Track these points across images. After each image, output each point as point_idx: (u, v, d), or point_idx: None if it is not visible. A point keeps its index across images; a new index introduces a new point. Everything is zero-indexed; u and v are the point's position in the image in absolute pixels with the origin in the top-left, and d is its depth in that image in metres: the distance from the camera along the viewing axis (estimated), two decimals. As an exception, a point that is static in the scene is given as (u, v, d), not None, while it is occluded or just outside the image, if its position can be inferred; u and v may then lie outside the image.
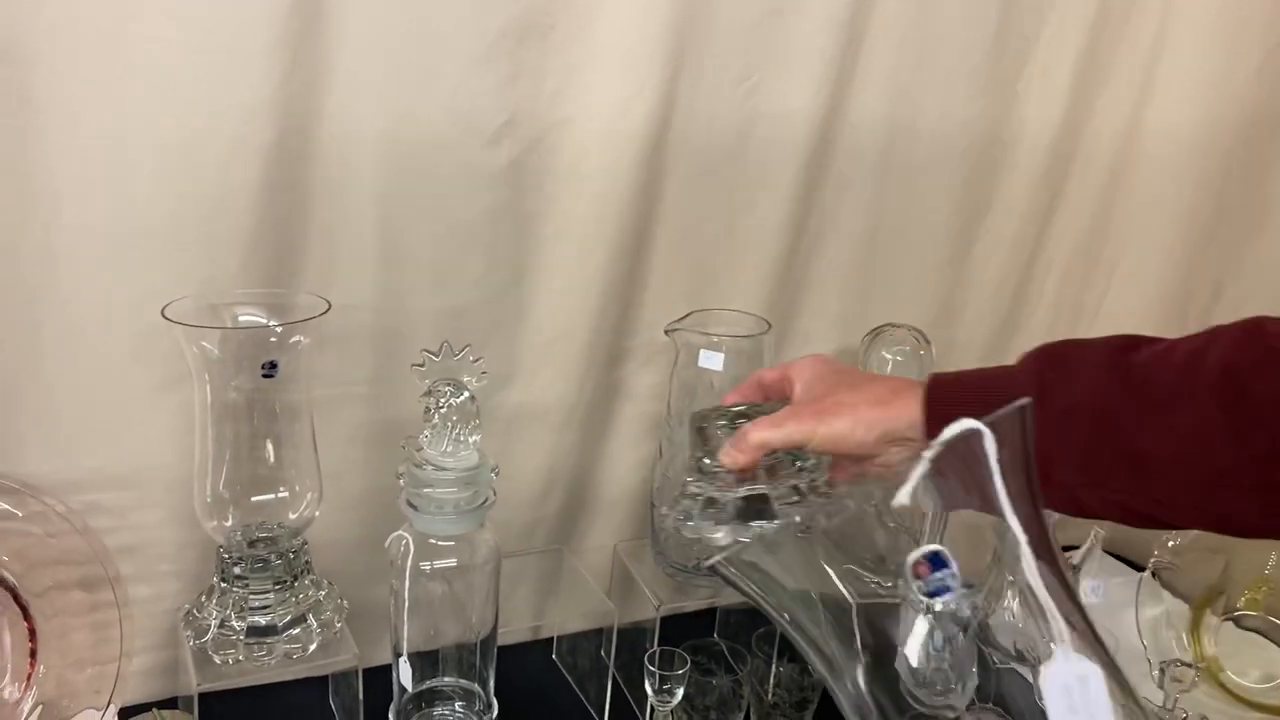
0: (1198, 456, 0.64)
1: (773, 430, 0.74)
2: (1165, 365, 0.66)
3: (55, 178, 0.89)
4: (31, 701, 0.93)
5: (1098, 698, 0.45)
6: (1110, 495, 0.67)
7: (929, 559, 0.50)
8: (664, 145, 1.09)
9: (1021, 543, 0.49)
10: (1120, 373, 0.67)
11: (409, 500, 0.88)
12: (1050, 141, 1.29)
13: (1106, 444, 0.66)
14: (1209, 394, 0.64)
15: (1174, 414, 0.64)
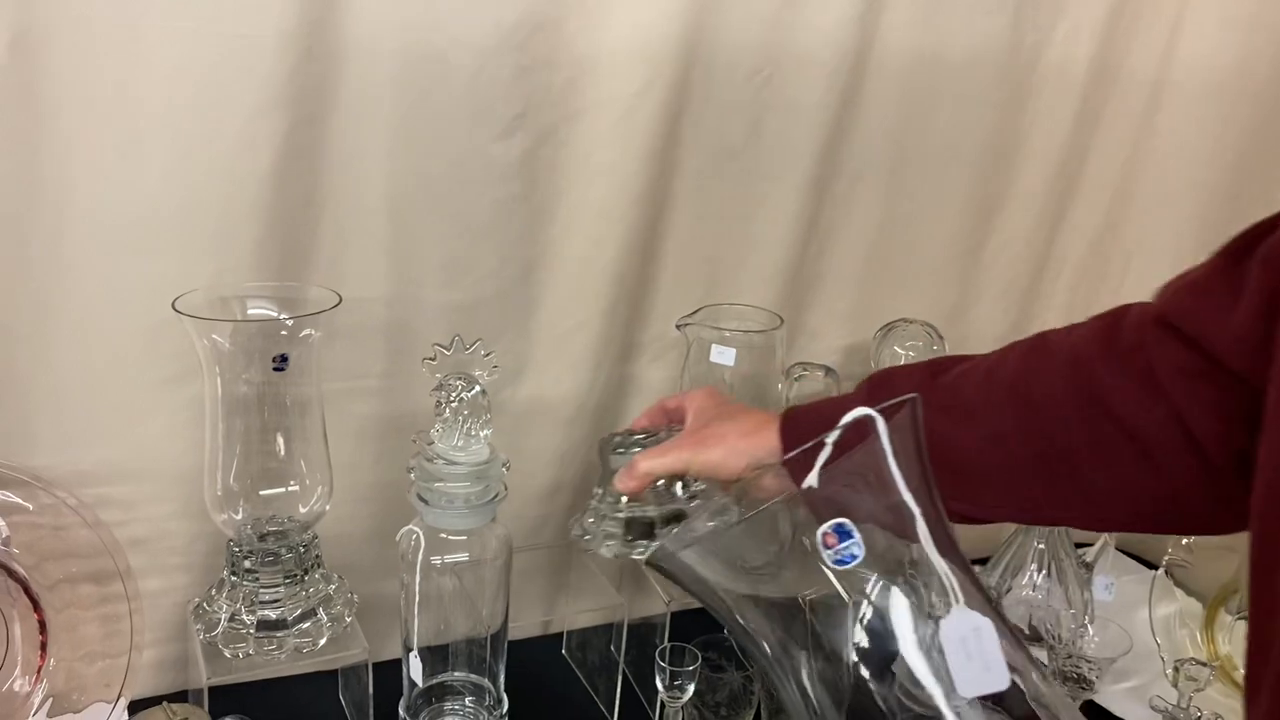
0: (1000, 457, 0.73)
1: (657, 460, 0.85)
2: (968, 380, 0.75)
3: (66, 168, 0.89)
4: (42, 694, 0.93)
5: (989, 644, 0.52)
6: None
7: (835, 530, 0.54)
8: (676, 138, 1.08)
9: (916, 514, 0.54)
10: (932, 391, 0.75)
11: (420, 494, 0.88)
12: (1064, 138, 1.28)
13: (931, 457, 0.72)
14: (1003, 403, 0.74)
15: (977, 421, 0.72)
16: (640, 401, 1.20)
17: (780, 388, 1.07)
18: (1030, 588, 1.14)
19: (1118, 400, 0.71)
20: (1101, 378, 0.72)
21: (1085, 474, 0.72)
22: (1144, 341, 0.71)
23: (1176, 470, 0.70)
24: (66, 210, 0.90)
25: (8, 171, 0.87)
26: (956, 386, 0.77)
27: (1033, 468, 0.73)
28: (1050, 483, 0.73)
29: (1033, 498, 0.75)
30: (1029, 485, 0.74)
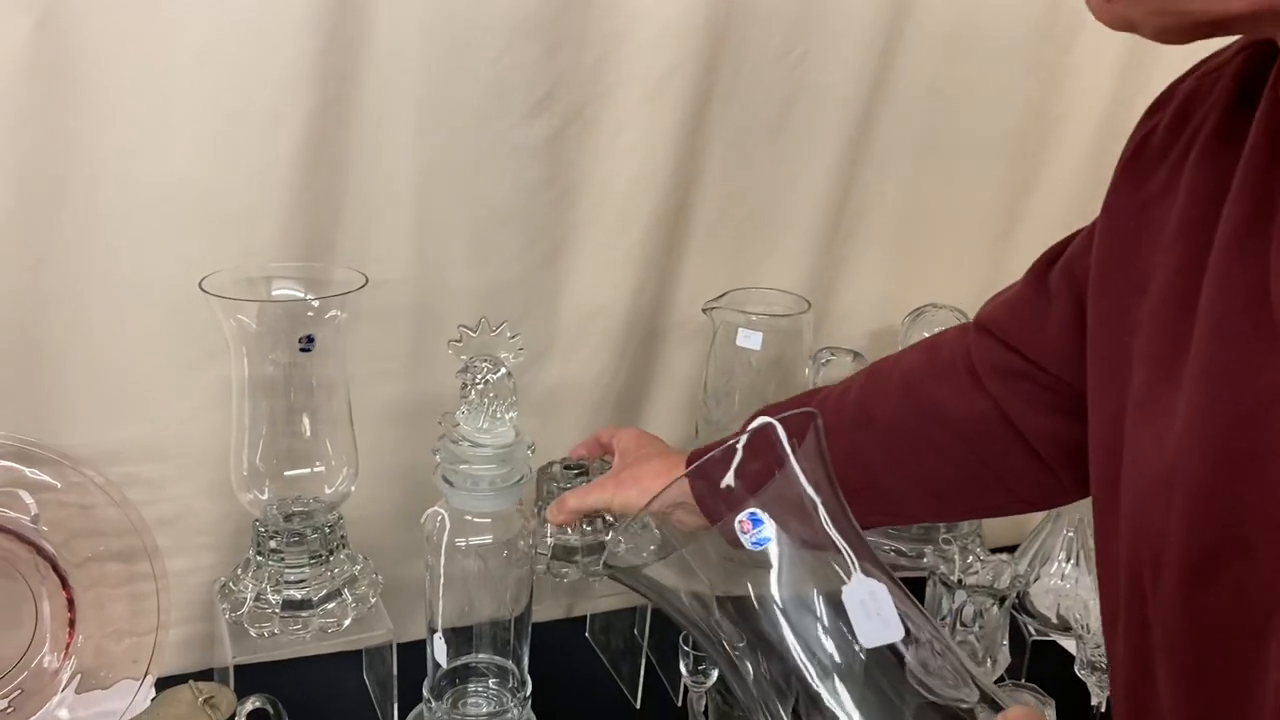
0: (858, 473, 0.78)
1: (581, 499, 0.93)
2: (823, 409, 0.75)
3: (94, 149, 0.89)
4: (70, 670, 0.94)
5: (885, 603, 0.59)
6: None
7: (749, 518, 0.61)
8: (705, 118, 1.07)
9: (818, 502, 0.61)
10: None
11: (445, 476, 0.87)
12: (1100, 119, 1.26)
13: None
14: (851, 424, 0.83)
15: (833, 442, 0.71)
16: (665, 387, 1.20)
17: (807, 372, 1.06)
18: (1059, 577, 1.13)
19: (944, 403, 0.80)
20: (927, 388, 0.82)
21: (930, 474, 0.82)
22: (965, 350, 0.80)
23: (1006, 458, 0.78)
24: (95, 191, 0.90)
25: (36, 152, 0.87)
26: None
27: (887, 476, 0.82)
28: (904, 487, 0.83)
29: (893, 503, 0.85)
30: (887, 492, 0.83)
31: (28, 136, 0.86)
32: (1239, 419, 0.53)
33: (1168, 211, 0.60)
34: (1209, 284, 0.56)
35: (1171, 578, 0.55)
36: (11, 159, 0.86)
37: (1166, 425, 0.56)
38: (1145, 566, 0.57)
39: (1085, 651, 1.00)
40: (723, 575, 0.65)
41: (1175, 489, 0.54)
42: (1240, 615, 0.53)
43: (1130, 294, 0.62)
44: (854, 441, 0.82)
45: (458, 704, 0.95)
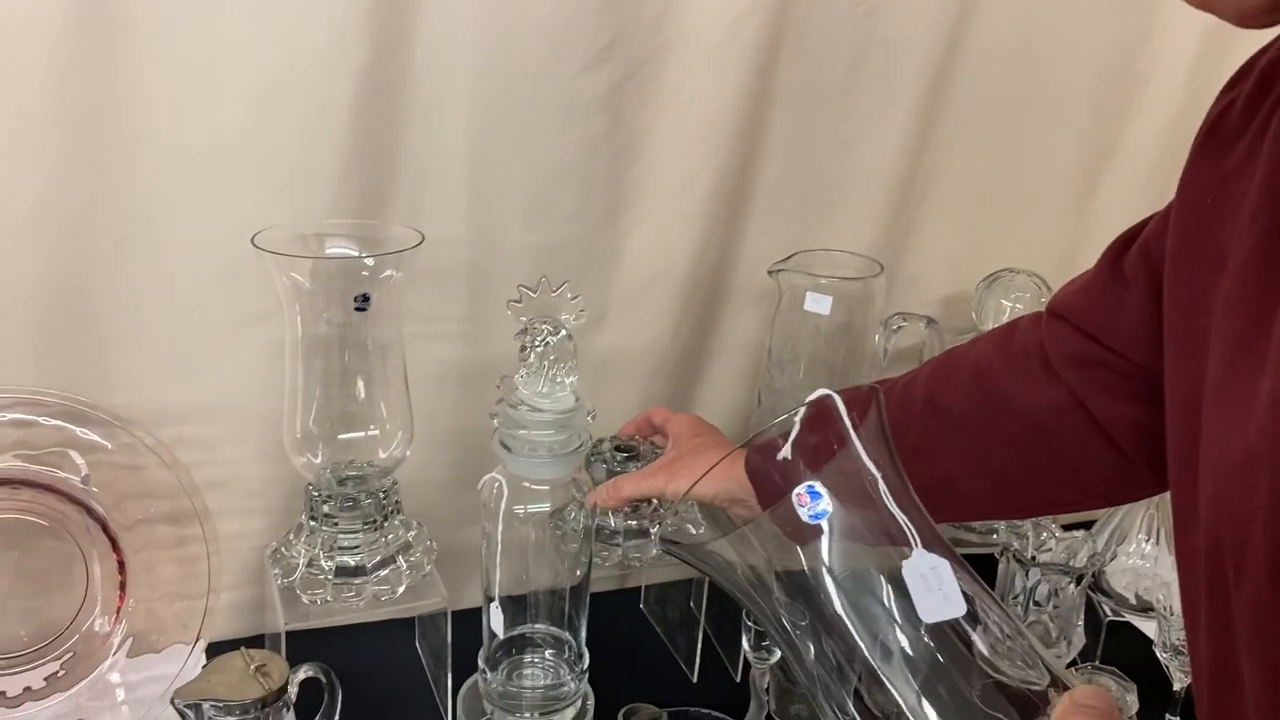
0: (925, 468, 0.72)
1: (635, 484, 0.89)
2: (889, 400, 0.73)
3: (144, 103, 0.87)
4: (121, 634, 0.92)
5: (948, 578, 0.58)
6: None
7: (807, 491, 0.60)
8: (772, 72, 1.03)
9: (878, 478, 0.60)
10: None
11: (503, 441, 0.84)
12: (1186, 77, 1.20)
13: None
14: (920, 418, 0.80)
15: (900, 438, 0.70)
16: (726, 353, 1.16)
17: (877, 339, 1.02)
18: (1138, 555, 1.08)
19: (1018, 395, 0.77)
20: (999, 379, 0.78)
21: (1002, 470, 0.78)
22: (1038, 339, 0.77)
23: (1081, 450, 0.75)
24: (145, 146, 0.88)
25: (84, 107, 0.85)
26: (892, 409, 0.77)
27: (957, 472, 0.79)
28: (973, 483, 0.79)
29: (962, 500, 0.81)
30: (955, 488, 0.79)
31: (76, 92, 0.84)
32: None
33: (1246, 186, 0.58)
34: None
35: (1257, 564, 0.52)
36: (60, 114, 0.84)
37: (1248, 407, 0.53)
38: (1228, 554, 0.55)
39: (1168, 634, 0.96)
40: (781, 551, 0.64)
41: (1260, 472, 0.52)
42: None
43: (1207, 273, 0.59)
44: (922, 435, 0.79)
45: (513, 675, 0.93)
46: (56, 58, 0.82)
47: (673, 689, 1.05)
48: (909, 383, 0.84)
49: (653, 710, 0.89)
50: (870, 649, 0.60)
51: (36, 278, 0.88)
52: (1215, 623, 0.58)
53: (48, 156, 0.85)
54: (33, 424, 0.88)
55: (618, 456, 1.02)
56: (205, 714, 0.78)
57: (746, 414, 1.13)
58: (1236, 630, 0.56)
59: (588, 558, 0.90)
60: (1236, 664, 0.56)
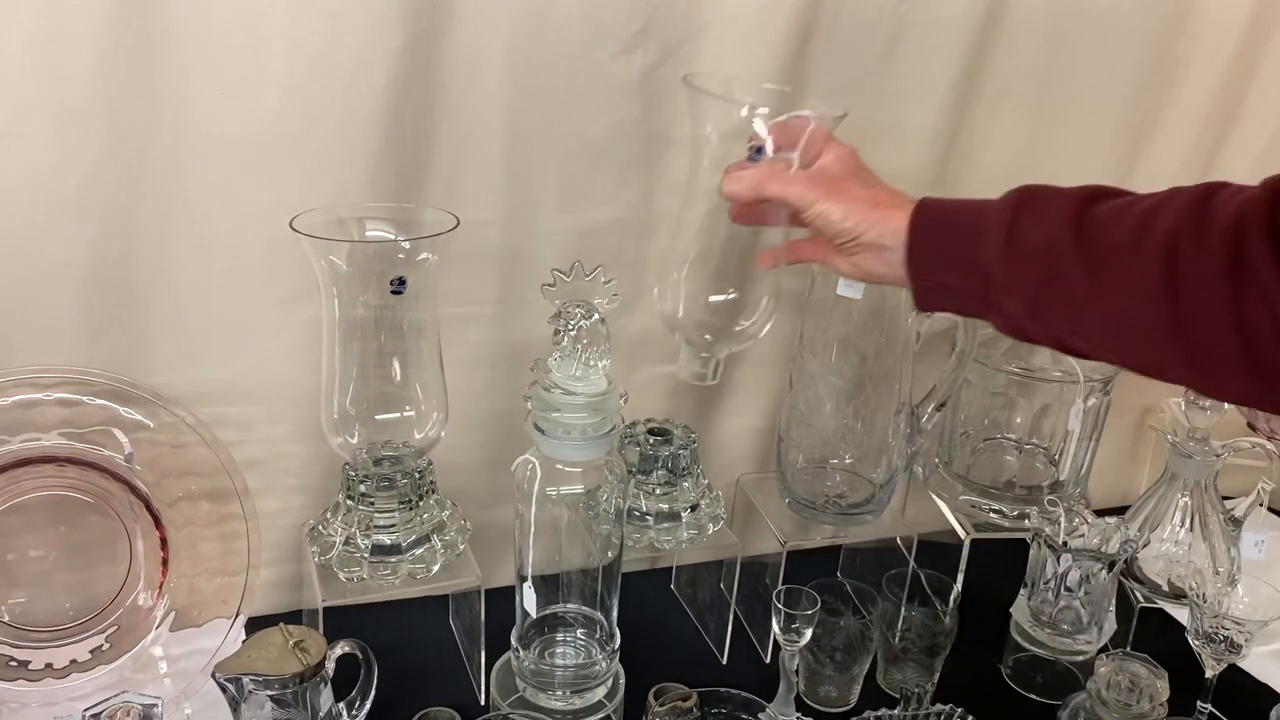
0: (1133, 311, 0.69)
1: (782, 185, 0.81)
2: (1120, 222, 0.70)
3: (184, 86, 0.88)
4: (164, 608, 0.95)
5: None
6: (1050, 330, 0.74)
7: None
8: (807, 55, 1.02)
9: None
10: (1078, 225, 0.71)
11: (536, 424, 0.85)
12: (1227, 60, 1.18)
13: (1054, 288, 0.72)
14: (1151, 257, 0.67)
15: (1117, 269, 0.69)
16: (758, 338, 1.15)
17: (910, 322, 1.01)
18: (1171, 542, 1.08)
19: (1268, 275, 0.64)
20: (1257, 247, 0.64)
21: (1223, 347, 0.66)
22: (1243, 223, 0.65)
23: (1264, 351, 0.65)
24: (186, 130, 0.89)
25: (128, 92, 0.86)
26: (1107, 225, 0.70)
27: (1166, 326, 0.68)
28: (1182, 346, 0.68)
29: (1154, 354, 0.70)
30: (1154, 341, 0.69)
31: (119, 77, 0.85)
32: None
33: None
34: None
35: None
36: (102, 98, 0.85)
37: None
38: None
39: (1200, 621, 0.95)
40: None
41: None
42: None
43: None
44: (1148, 274, 0.67)
45: (545, 654, 0.94)
46: (100, 43, 0.84)
47: (702, 669, 1.06)
48: (1152, 209, 0.70)
49: (683, 690, 0.90)
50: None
51: (81, 260, 0.90)
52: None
53: (92, 141, 0.86)
54: (78, 403, 0.90)
55: (650, 439, 1.02)
56: (245, 688, 0.79)
57: (779, 398, 1.14)
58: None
59: (619, 539, 0.91)
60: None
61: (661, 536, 1.01)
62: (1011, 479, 1.12)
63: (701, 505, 1.04)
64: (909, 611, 1.03)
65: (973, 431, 1.14)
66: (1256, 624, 0.94)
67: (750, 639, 1.10)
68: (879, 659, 1.05)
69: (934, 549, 1.10)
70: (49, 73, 0.83)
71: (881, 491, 1.05)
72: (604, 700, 0.94)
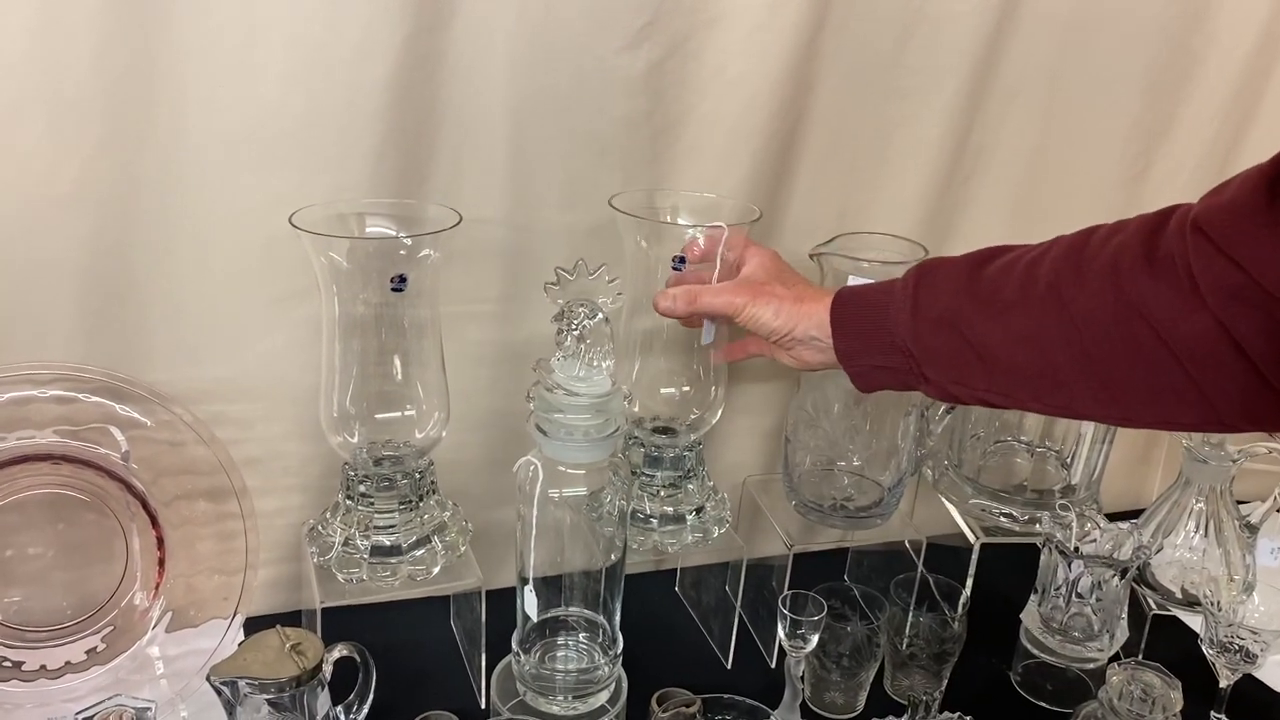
0: (1037, 359, 0.75)
1: (715, 297, 0.88)
2: (1008, 276, 0.76)
3: (183, 80, 0.86)
4: (160, 608, 0.93)
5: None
6: (973, 391, 0.80)
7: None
8: (816, 50, 1.01)
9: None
10: (973, 285, 0.78)
11: (538, 425, 0.84)
12: (1245, 55, 1.16)
13: (963, 351, 0.78)
14: (1039, 305, 0.74)
15: (1014, 323, 0.74)
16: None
17: (920, 324, 1.00)
18: (1185, 548, 1.06)
19: (1160, 309, 0.69)
20: (1141, 285, 0.70)
21: (1121, 377, 0.72)
22: (1184, 250, 0.68)
23: (1221, 379, 0.69)
24: (184, 124, 0.88)
25: (122, 84, 0.85)
26: (997, 283, 0.77)
27: (1068, 368, 0.74)
28: (1086, 384, 0.74)
29: (1065, 396, 0.76)
30: (1062, 384, 0.75)
31: (115, 68, 0.84)
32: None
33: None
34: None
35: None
36: (99, 91, 0.84)
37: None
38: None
39: (1214, 629, 0.94)
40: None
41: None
42: None
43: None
44: (1040, 322, 0.74)
45: (546, 658, 0.92)
46: (97, 35, 0.82)
47: (707, 674, 1.04)
48: (1033, 263, 0.76)
49: (686, 696, 0.89)
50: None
51: (77, 255, 0.89)
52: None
53: (88, 134, 0.85)
54: (74, 400, 0.89)
55: (655, 440, 1.01)
56: (241, 691, 0.78)
57: (785, 398, 1.12)
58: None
59: (623, 541, 0.90)
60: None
61: (666, 539, 0.99)
62: (1022, 482, 1.10)
63: (707, 508, 1.02)
64: (917, 617, 1.01)
65: (983, 434, 1.12)
66: (1272, 633, 0.92)
67: (755, 643, 1.09)
68: (886, 665, 1.03)
69: (943, 553, 1.08)
70: (45, 65, 0.82)
71: (890, 494, 1.04)
72: (606, 705, 0.92)
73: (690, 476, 1.02)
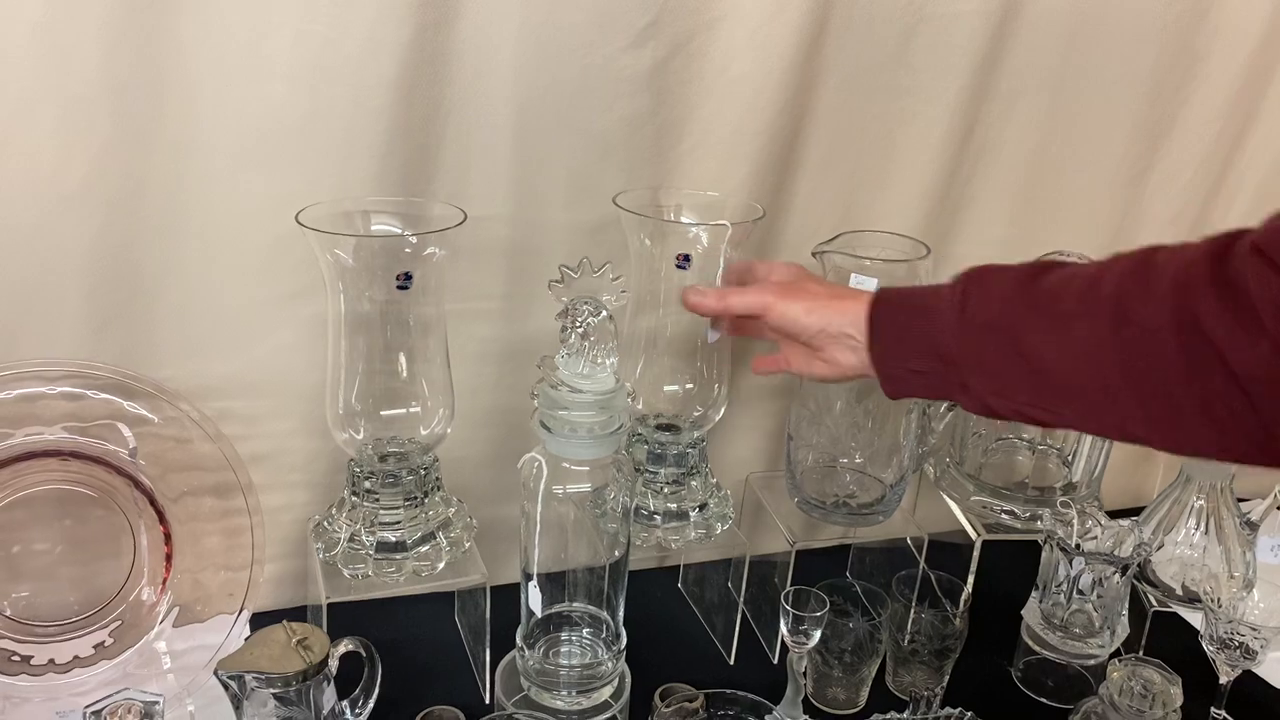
0: (1088, 374, 0.71)
1: (743, 298, 0.87)
2: (1067, 288, 0.73)
3: (190, 78, 0.87)
4: (167, 604, 0.94)
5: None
6: (1015, 404, 0.76)
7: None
8: (819, 50, 1.01)
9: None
10: (1029, 294, 0.74)
11: (542, 422, 0.84)
12: (1247, 56, 1.16)
13: (1012, 359, 0.74)
14: (1101, 318, 0.70)
15: (1070, 333, 0.71)
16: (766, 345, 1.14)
17: (922, 322, 1.00)
18: (1186, 545, 1.06)
19: (1219, 330, 0.66)
20: (1204, 304, 0.67)
21: (1177, 399, 0.68)
22: (1245, 272, 0.66)
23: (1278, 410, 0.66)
24: (192, 122, 0.88)
25: (133, 82, 0.85)
26: (1056, 293, 0.73)
27: (1124, 385, 0.70)
28: (1140, 402, 0.70)
29: (1117, 415, 0.72)
30: (1115, 401, 0.71)
31: (124, 67, 0.84)
32: None
33: None
34: None
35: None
36: (107, 88, 0.85)
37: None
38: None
39: (1214, 626, 0.94)
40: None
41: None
42: None
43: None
44: (1100, 337, 0.70)
45: (550, 653, 0.93)
46: (105, 33, 0.83)
47: (709, 670, 1.05)
48: (1094, 278, 0.72)
49: (689, 691, 0.89)
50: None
51: (85, 252, 0.89)
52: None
53: (96, 132, 0.86)
54: (82, 397, 0.90)
55: (659, 437, 1.01)
56: (248, 685, 0.79)
57: (788, 396, 1.12)
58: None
59: (626, 537, 0.90)
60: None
61: (669, 535, 1.00)
62: (1024, 480, 1.11)
63: (710, 504, 1.03)
64: (919, 613, 1.02)
65: (985, 431, 1.12)
66: (1272, 630, 0.92)
67: (758, 639, 1.10)
68: (888, 661, 1.03)
69: (945, 550, 1.08)
70: (54, 63, 0.83)
71: (892, 491, 1.04)
72: (610, 700, 0.93)
73: (693, 473, 1.02)
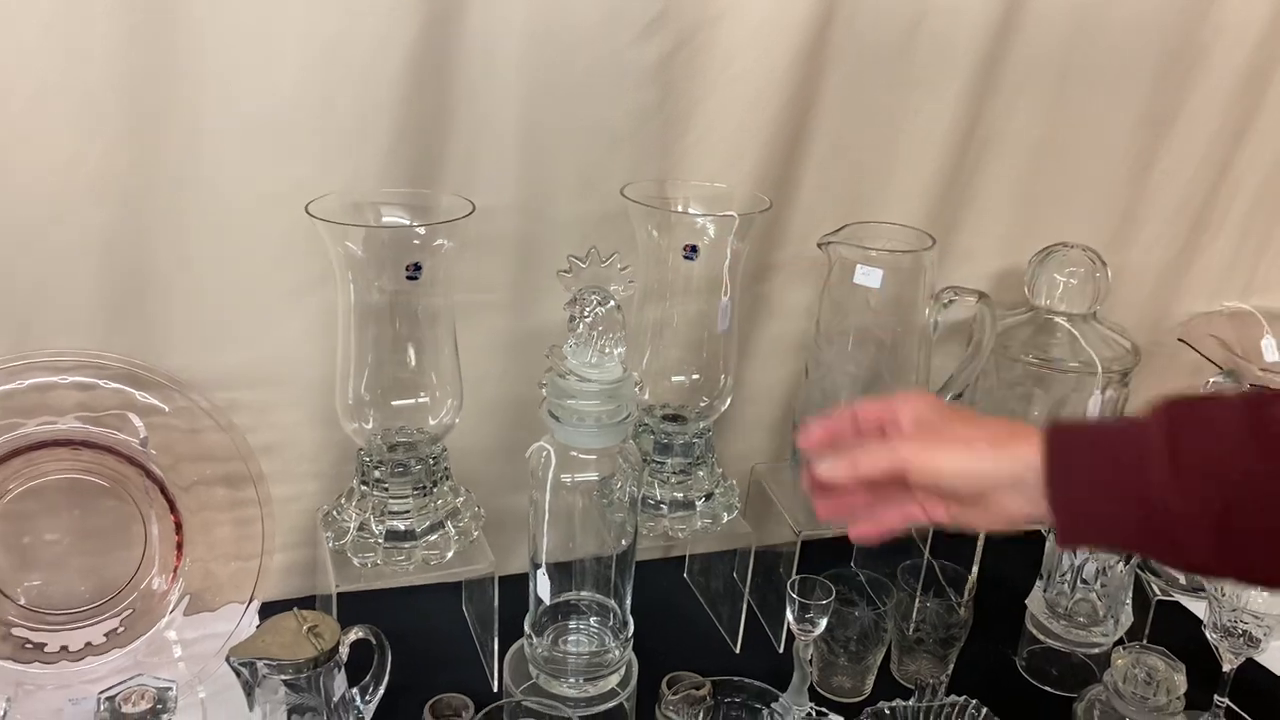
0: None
1: (874, 462, 0.69)
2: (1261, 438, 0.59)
3: (201, 70, 0.87)
4: (178, 593, 0.95)
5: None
6: (1247, 568, 0.62)
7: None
8: (825, 42, 1.01)
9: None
10: (1262, 434, 0.59)
11: (551, 411, 0.85)
12: (1250, 49, 1.16)
13: (1247, 515, 0.59)
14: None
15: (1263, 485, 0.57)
16: (774, 324, 1.15)
17: (928, 313, 1.01)
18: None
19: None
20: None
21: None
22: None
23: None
24: (202, 114, 0.89)
25: (144, 75, 0.86)
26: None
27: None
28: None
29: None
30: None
31: (135, 60, 0.85)
32: None
33: None
34: None
35: None
36: (119, 81, 0.85)
37: None
38: None
39: (1218, 614, 0.95)
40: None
41: None
42: None
43: None
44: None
45: (558, 641, 0.94)
46: (118, 26, 0.83)
47: (716, 658, 1.06)
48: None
49: (696, 679, 0.90)
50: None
51: (97, 244, 0.90)
52: None
53: (108, 124, 0.86)
54: (94, 387, 0.90)
55: (666, 427, 1.02)
56: (259, 672, 0.79)
57: (794, 386, 1.13)
58: None
59: (634, 527, 0.91)
60: None
61: (676, 525, 1.01)
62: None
63: (716, 494, 1.04)
64: (924, 602, 1.02)
65: (989, 421, 1.13)
66: (1275, 617, 0.93)
67: (764, 628, 1.10)
68: (893, 650, 1.04)
69: (949, 540, 1.08)
70: (66, 55, 0.83)
71: (897, 482, 1.04)
72: (617, 688, 0.93)
73: (700, 463, 1.03)
